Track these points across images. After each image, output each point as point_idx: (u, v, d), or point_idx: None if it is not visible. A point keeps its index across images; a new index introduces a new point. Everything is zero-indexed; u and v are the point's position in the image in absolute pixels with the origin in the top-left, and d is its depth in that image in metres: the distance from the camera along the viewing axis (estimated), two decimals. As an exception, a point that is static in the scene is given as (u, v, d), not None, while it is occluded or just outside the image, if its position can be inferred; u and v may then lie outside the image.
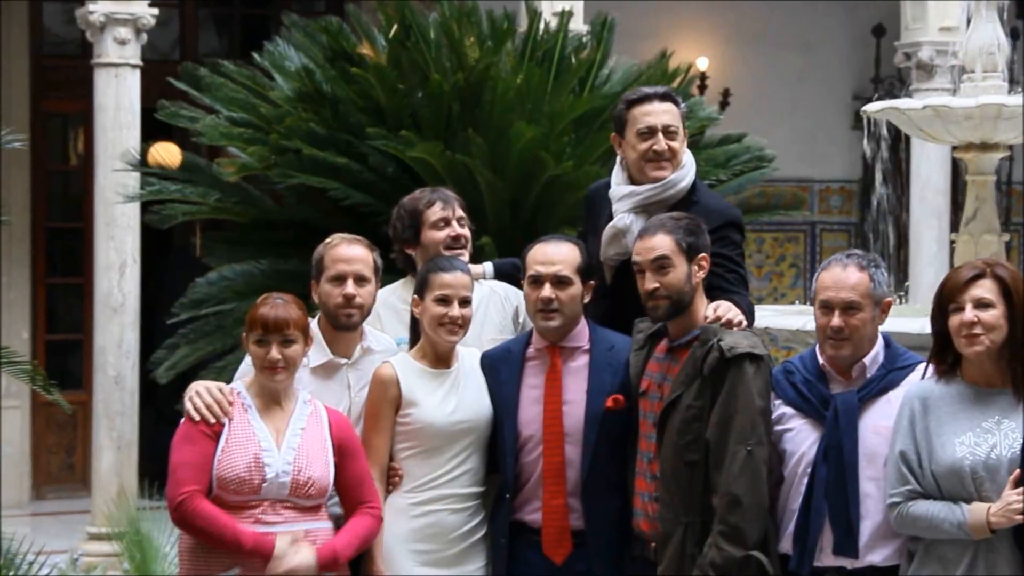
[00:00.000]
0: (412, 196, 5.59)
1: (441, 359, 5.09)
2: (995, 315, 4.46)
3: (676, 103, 5.37)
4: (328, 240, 5.25)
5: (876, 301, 4.67)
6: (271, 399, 4.87)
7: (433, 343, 5.07)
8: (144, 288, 9.85)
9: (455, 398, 5.06)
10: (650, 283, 4.78)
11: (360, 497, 4.87)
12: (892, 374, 4.70)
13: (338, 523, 4.91)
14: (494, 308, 5.53)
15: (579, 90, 8.07)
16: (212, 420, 4.78)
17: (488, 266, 5.74)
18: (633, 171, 5.36)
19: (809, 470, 4.66)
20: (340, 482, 4.85)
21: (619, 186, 5.40)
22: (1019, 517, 4.35)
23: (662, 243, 4.78)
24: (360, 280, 5.11)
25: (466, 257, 5.41)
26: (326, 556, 4.73)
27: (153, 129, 9.77)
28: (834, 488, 4.62)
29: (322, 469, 4.79)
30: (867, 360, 4.70)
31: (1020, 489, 4.35)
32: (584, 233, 5.60)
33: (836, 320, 4.64)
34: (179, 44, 12.43)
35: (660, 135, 5.29)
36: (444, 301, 5.01)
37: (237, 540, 4.69)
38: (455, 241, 5.44)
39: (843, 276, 4.67)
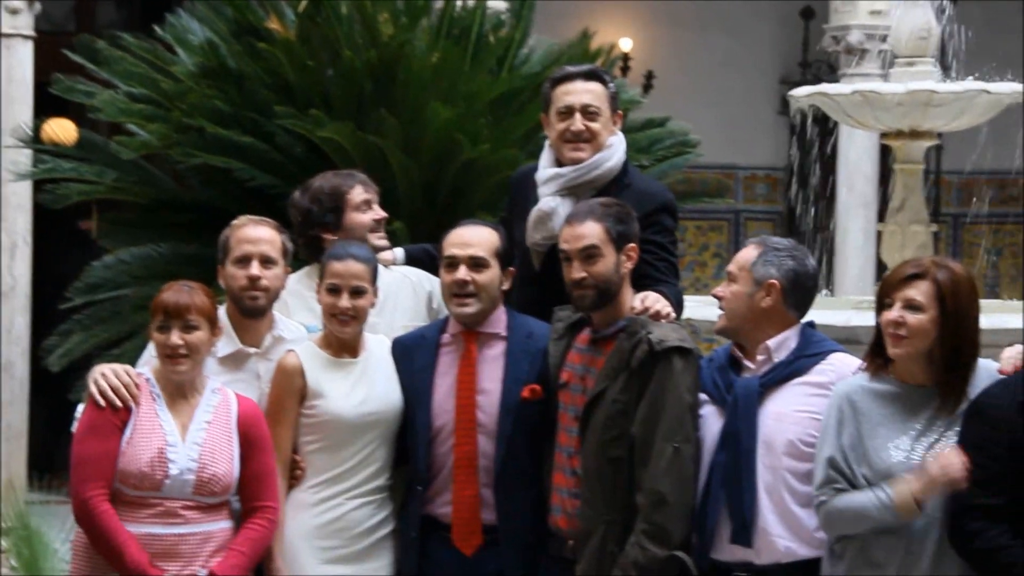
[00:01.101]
0: (326, 179, 5.59)
1: (347, 348, 5.08)
2: (922, 320, 4.49)
3: (603, 82, 5.39)
4: (235, 221, 5.23)
5: (758, 280, 4.71)
6: (177, 389, 4.83)
7: (347, 341, 5.08)
8: (36, 271, 9.74)
9: (363, 389, 5.05)
10: (577, 272, 4.79)
11: (259, 495, 4.82)
12: (800, 360, 4.73)
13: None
14: (406, 294, 5.54)
15: (497, 70, 8.04)
16: (119, 405, 4.73)
17: (399, 252, 5.74)
18: (556, 152, 5.38)
19: (711, 459, 4.70)
20: (241, 476, 4.80)
21: (545, 169, 5.42)
22: (953, 478, 4.37)
23: (591, 231, 4.80)
24: (266, 262, 5.09)
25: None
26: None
27: (47, 104, 9.60)
28: (731, 475, 4.65)
29: (227, 465, 4.76)
30: (771, 344, 4.73)
31: (942, 461, 4.39)
32: (508, 218, 5.61)
33: (718, 289, 4.79)
34: (75, 15, 12.29)
35: (578, 115, 5.32)
36: (334, 291, 5.01)
37: (123, 560, 4.65)
38: (379, 224, 5.46)
39: (739, 252, 4.80)
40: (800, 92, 6.37)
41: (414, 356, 5.11)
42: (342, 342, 5.07)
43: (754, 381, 4.71)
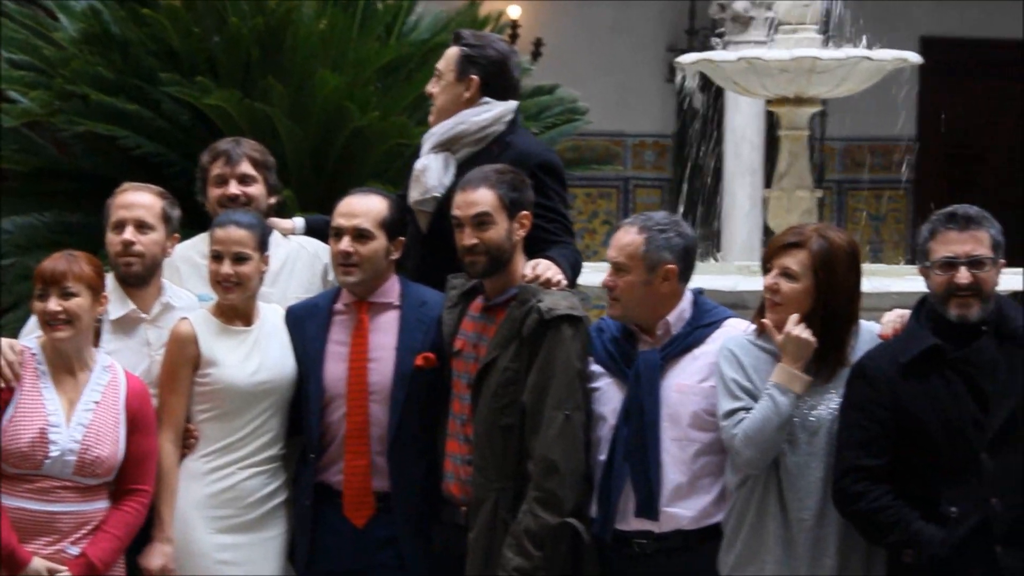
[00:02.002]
0: (210, 148, 5.57)
1: (241, 316, 5.05)
2: (795, 288, 4.54)
3: (459, 44, 5.44)
4: (119, 188, 5.18)
5: (650, 266, 4.69)
6: (65, 364, 4.73)
7: (240, 310, 5.05)
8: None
9: (257, 357, 5.02)
10: (468, 239, 4.78)
11: (135, 478, 4.73)
12: (697, 331, 4.75)
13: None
14: (302, 265, 5.51)
15: (385, 37, 8.02)
16: (0, 384, 4.66)
17: (298, 221, 5.71)
18: None
19: (613, 432, 4.71)
20: (128, 459, 4.73)
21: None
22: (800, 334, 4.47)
23: (484, 198, 4.78)
24: (141, 227, 5.04)
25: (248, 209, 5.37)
26: (81, 569, 4.63)
27: (-73, 71, 9.47)
28: (635, 449, 4.67)
29: (112, 448, 4.68)
30: (671, 318, 4.74)
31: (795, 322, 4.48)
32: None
33: (606, 278, 4.74)
34: (-45, -19, 12.06)
35: (433, 79, 5.45)
36: (217, 257, 4.98)
37: (6, 544, 4.59)
38: (230, 200, 5.40)
39: (620, 236, 4.76)
40: (686, 59, 6.39)
41: (306, 324, 5.09)
42: (235, 310, 5.04)
43: (655, 354, 4.71)
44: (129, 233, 5.03)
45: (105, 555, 4.65)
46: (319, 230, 5.60)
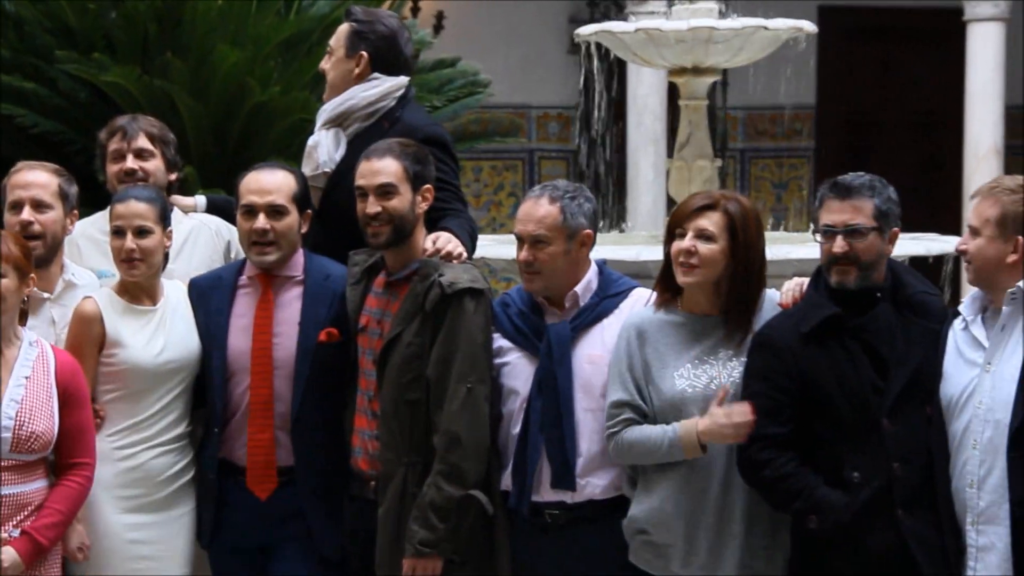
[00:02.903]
0: (108, 123, 5.53)
1: (146, 295, 5.00)
2: (713, 249, 4.54)
3: (349, 20, 5.44)
4: (13, 167, 5.11)
5: (570, 234, 4.70)
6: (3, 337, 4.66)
7: (144, 288, 5.00)
8: None
9: (162, 337, 4.98)
10: (372, 207, 4.76)
11: (75, 452, 4.67)
12: (605, 302, 4.77)
13: None
14: (204, 241, 5.47)
15: (285, 12, 8.00)
16: None
17: (200, 199, 5.69)
18: None
19: (525, 404, 4.71)
20: (59, 431, 4.65)
21: None
22: (732, 437, 4.47)
23: (388, 168, 4.78)
24: (39, 206, 4.99)
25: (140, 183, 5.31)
26: (28, 551, 4.58)
27: None
28: (549, 421, 4.68)
29: (47, 422, 4.61)
30: (578, 289, 4.75)
31: (733, 408, 4.47)
32: None
33: (525, 253, 4.70)
34: None
35: (326, 56, 5.49)
36: (119, 233, 4.92)
37: None
38: (128, 175, 5.36)
39: (533, 209, 4.71)
40: (586, 30, 6.39)
41: (210, 298, 5.06)
42: (140, 288, 4.99)
43: (565, 326, 4.72)
44: (27, 213, 4.98)
45: (49, 531, 4.60)
46: (221, 208, 5.57)
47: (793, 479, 4.47)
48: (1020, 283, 4.35)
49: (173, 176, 5.50)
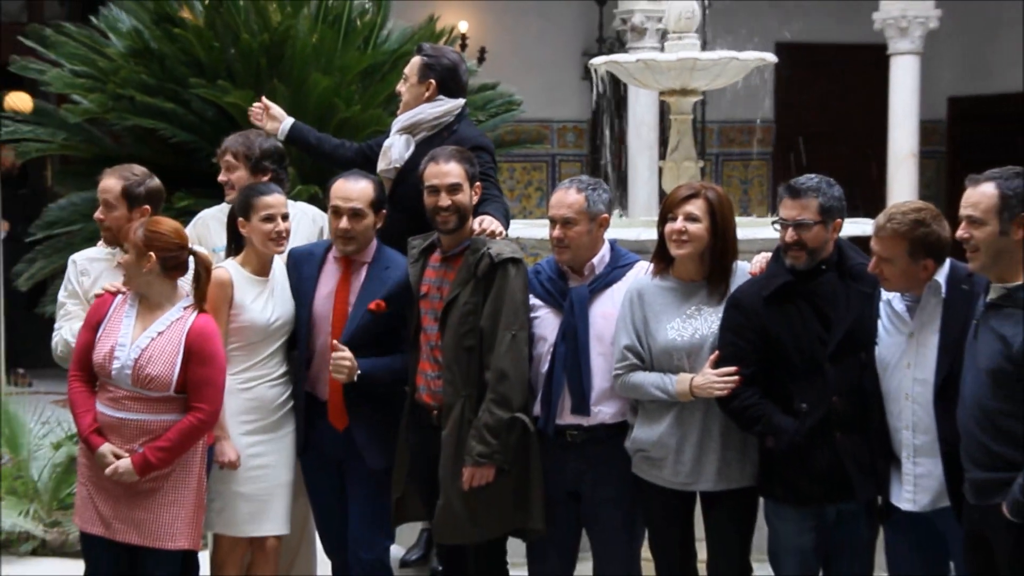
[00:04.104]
0: (230, 137, 5.51)
1: (263, 269, 5.01)
2: (699, 228, 4.54)
3: (420, 54, 5.40)
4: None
5: (592, 217, 4.69)
6: (153, 302, 4.69)
7: (260, 255, 4.99)
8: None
9: (272, 303, 4.99)
10: (444, 201, 4.73)
11: (194, 397, 4.62)
12: (615, 271, 4.76)
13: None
14: (303, 226, 5.46)
15: (364, 47, 7.97)
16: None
17: (287, 122, 5.69)
18: None
19: (551, 349, 4.70)
20: (187, 381, 4.62)
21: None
22: (718, 393, 4.48)
23: (455, 171, 4.75)
24: (107, 206, 5.10)
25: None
26: (140, 464, 4.58)
27: (7, 81, 9.36)
28: (571, 362, 4.67)
29: (165, 369, 4.59)
30: (595, 261, 4.75)
31: (721, 370, 4.47)
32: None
33: (557, 231, 4.69)
34: (27, 8, 11.90)
35: (401, 81, 5.45)
36: (269, 219, 4.93)
37: (79, 426, 4.65)
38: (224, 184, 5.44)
39: (563, 197, 4.71)
40: (597, 61, 6.36)
41: (303, 266, 5.06)
42: (261, 264, 5.00)
43: (584, 289, 4.71)
44: (99, 212, 5.13)
45: (159, 452, 4.58)
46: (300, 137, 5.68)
47: (755, 408, 4.48)
48: (936, 276, 4.29)
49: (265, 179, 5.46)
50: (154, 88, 7.54)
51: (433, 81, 5.32)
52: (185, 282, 4.77)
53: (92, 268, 5.14)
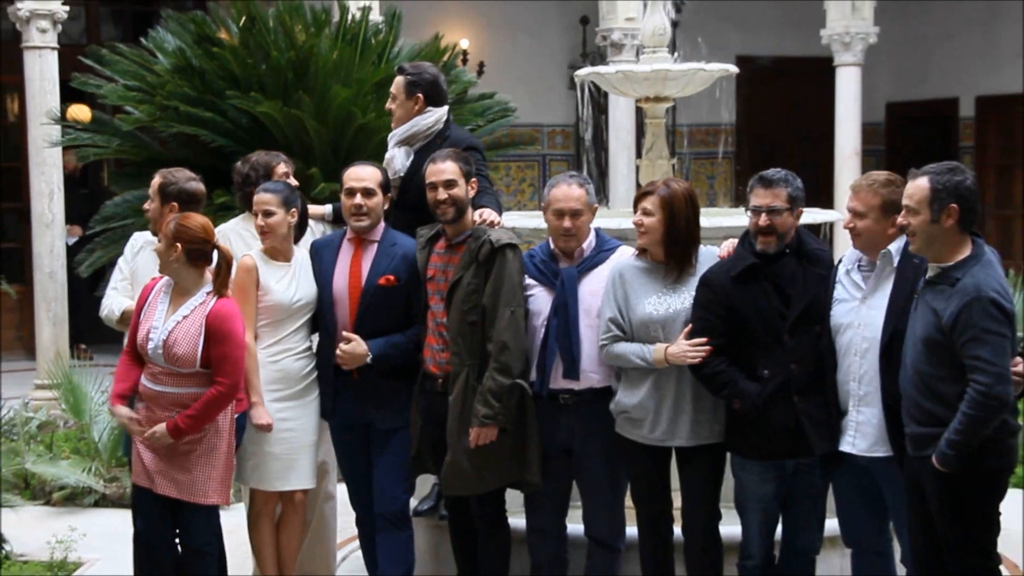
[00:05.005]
0: (260, 156, 5.35)
1: (282, 255, 4.96)
2: (652, 221, 4.49)
3: (403, 74, 5.24)
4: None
5: (591, 208, 4.68)
6: (182, 288, 4.66)
7: (280, 251, 4.94)
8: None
9: (295, 284, 4.92)
10: (441, 195, 4.69)
11: (216, 373, 4.56)
12: (600, 254, 4.71)
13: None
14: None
15: (378, 62, 7.95)
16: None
17: (328, 208, 5.50)
18: None
19: (545, 322, 4.65)
20: (209, 358, 4.58)
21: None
22: (690, 360, 4.42)
23: (450, 168, 4.70)
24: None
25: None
26: (172, 429, 4.57)
27: (69, 94, 9.34)
28: (562, 333, 4.62)
29: (189, 348, 4.55)
30: (584, 246, 4.70)
31: (693, 341, 4.40)
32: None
33: (567, 223, 4.62)
34: (86, 32, 11.86)
35: (390, 99, 5.29)
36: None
37: (111, 392, 4.73)
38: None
39: (570, 192, 4.64)
40: (582, 72, 6.27)
41: (324, 253, 5.02)
42: (277, 251, 4.95)
43: (574, 270, 4.66)
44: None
45: (187, 420, 4.57)
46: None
47: (723, 375, 4.41)
48: (889, 247, 4.26)
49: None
50: (195, 100, 7.54)
51: (420, 95, 5.20)
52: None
53: (143, 248, 5.19)
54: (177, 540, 4.77)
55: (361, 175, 4.91)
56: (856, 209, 4.28)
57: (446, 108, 5.28)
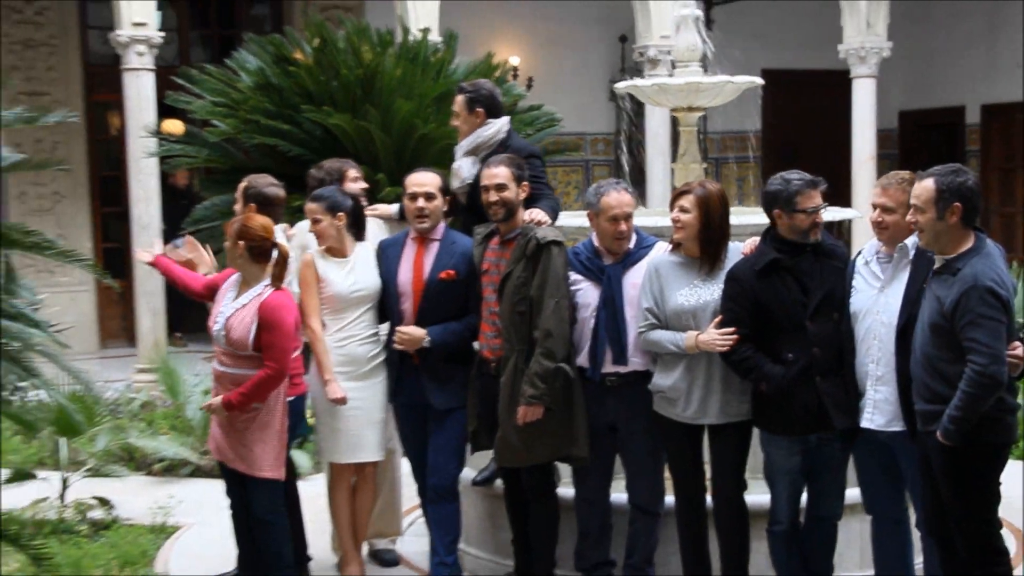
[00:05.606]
0: (333, 162, 5.38)
1: (339, 252, 4.98)
2: (689, 217, 4.46)
3: (462, 92, 5.21)
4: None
5: (634, 210, 4.67)
6: (246, 280, 4.69)
7: (337, 248, 4.96)
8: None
9: (353, 276, 4.95)
10: (493, 196, 4.69)
11: (266, 357, 4.56)
12: (640, 251, 4.69)
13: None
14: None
15: (437, 78, 7.94)
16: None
17: (395, 207, 5.50)
18: None
19: (594, 314, 4.63)
20: (259, 343, 4.58)
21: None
22: (719, 348, 4.39)
23: (501, 173, 4.70)
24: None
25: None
26: (225, 402, 4.59)
27: (164, 111, 9.42)
28: (611, 324, 4.61)
29: (242, 333, 4.57)
30: (629, 244, 4.68)
31: (722, 330, 4.38)
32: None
33: (623, 226, 4.61)
34: (178, 55, 11.98)
35: (453, 116, 5.25)
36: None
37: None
38: (363, 191, 5.33)
39: (622, 198, 4.62)
40: (621, 86, 6.24)
41: (389, 251, 5.03)
42: (334, 249, 4.97)
43: (618, 267, 4.65)
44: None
45: (238, 397, 4.58)
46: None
47: (749, 360, 4.38)
48: (906, 240, 4.21)
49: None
50: (274, 114, 7.58)
51: (481, 109, 5.19)
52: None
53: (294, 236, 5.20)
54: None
55: (422, 180, 4.92)
56: (885, 205, 4.22)
57: (507, 119, 5.26)
